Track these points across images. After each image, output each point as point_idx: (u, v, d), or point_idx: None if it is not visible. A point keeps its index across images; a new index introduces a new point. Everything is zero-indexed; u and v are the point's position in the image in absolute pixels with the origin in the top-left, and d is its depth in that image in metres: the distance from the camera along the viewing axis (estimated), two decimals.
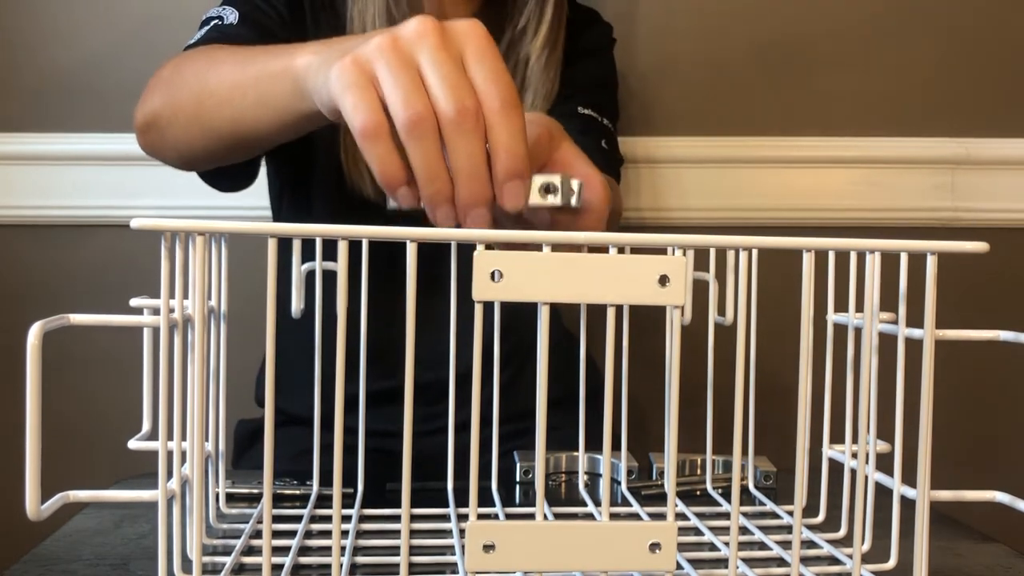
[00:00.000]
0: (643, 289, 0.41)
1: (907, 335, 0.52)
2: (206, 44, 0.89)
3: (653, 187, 1.30)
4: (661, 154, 1.29)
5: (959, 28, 1.31)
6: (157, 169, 1.25)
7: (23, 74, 1.26)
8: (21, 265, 1.28)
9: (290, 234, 0.44)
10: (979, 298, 1.32)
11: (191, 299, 0.47)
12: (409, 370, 0.44)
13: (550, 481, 0.78)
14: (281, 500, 0.69)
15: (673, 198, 1.28)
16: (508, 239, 0.45)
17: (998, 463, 1.35)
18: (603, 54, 1.15)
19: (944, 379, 0.55)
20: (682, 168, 1.29)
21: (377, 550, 0.59)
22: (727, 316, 0.63)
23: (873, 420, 0.54)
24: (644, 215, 1.29)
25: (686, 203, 1.30)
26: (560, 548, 0.41)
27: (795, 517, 0.48)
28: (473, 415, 0.43)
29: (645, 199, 1.29)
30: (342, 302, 0.47)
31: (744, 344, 0.47)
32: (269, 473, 0.45)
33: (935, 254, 0.48)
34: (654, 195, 1.30)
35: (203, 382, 0.49)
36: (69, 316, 0.46)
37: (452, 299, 0.66)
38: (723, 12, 1.30)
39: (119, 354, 1.25)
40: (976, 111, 1.32)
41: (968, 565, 0.60)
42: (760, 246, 0.46)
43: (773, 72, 1.30)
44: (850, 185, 1.31)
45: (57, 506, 0.44)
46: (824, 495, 0.65)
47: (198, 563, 0.48)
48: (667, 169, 1.30)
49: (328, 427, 0.52)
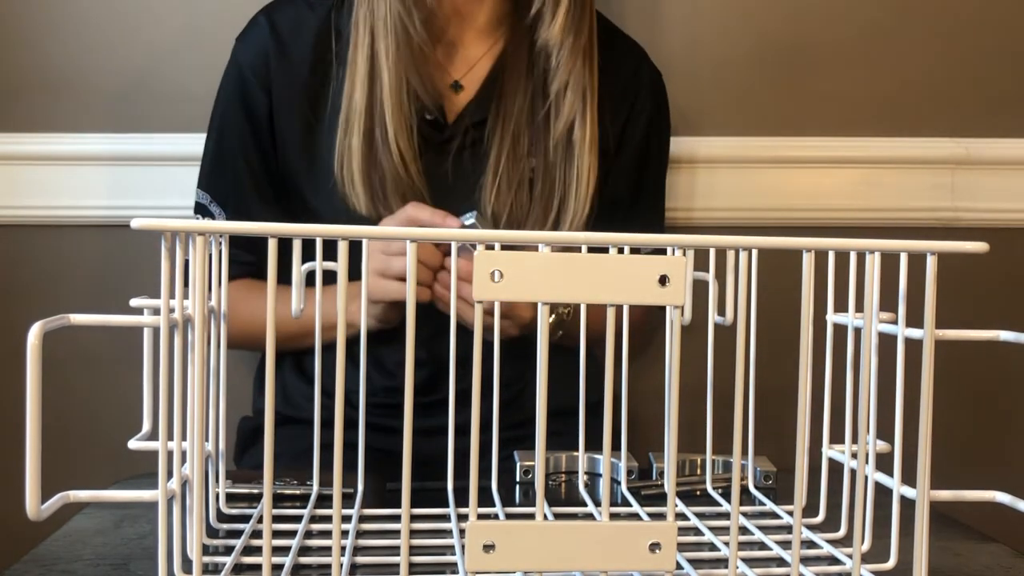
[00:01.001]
0: (643, 289, 0.41)
1: (907, 335, 0.52)
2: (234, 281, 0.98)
3: None
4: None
5: (959, 28, 1.31)
6: (157, 169, 1.25)
7: (23, 74, 1.26)
8: (21, 265, 1.28)
9: (290, 234, 0.44)
10: (979, 298, 1.32)
11: (191, 299, 0.48)
12: (409, 370, 0.44)
13: (550, 481, 0.78)
14: (281, 500, 0.69)
15: (673, 198, 1.28)
16: (509, 239, 0.45)
17: (998, 463, 1.35)
18: (654, 129, 1.11)
19: (944, 379, 0.55)
20: (682, 168, 1.29)
21: (377, 550, 0.59)
22: (727, 316, 0.63)
23: (873, 420, 0.54)
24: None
25: (686, 203, 1.30)
26: (560, 548, 0.41)
27: (795, 517, 0.48)
28: (473, 416, 0.43)
29: None
30: (342, 302, 0.47)
31: (744, 344, 0.47)
32: (269, 473, 0.45)
33: (935, 254, 0.48)
34: None
35: (203, 382, 0.49)
36: (69, 316, 0.46)
37: (452, 299, 0.66)
38: (723, 13, 1.30)
39: (119, 354, 1.24)
40: (976, 111, 1.32)
41: (968, 565, 0.60)
42: (760, 246, 0.46)
43: (773, 72, 1.30)
44: (850, 185, 1.31)
45: (57, 506, 0.44)
46: (824, 495, 0.65)
47: (198, 563, 0.48)
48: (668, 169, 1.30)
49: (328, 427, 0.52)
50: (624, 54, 1.10)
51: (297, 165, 1.04)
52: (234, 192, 1.05)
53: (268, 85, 1.03)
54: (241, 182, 1.04)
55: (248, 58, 1.04)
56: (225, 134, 1.05)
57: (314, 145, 1.02)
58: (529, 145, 1.00)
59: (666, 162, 1.16)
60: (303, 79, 1.02)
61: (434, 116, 1.01)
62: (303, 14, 1.04)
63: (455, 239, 0.45)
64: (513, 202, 1.00)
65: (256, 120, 1.04)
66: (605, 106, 1.03)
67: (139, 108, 1.26)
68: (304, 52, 1.03)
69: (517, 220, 1.00)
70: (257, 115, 1.04)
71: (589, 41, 1.01)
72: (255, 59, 1.04)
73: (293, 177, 1.05)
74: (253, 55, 1.04)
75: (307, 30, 1.03)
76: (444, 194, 1.00)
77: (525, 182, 1.00)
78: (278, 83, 1.03)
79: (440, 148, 1.02)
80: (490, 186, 1.00)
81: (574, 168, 1.00)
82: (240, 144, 1.04)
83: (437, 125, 1.02)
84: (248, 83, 1.04)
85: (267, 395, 0.45)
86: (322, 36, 1.02)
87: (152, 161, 1.25)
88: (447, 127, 1.02)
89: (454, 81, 1.04)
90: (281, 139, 1.04)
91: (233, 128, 1.05)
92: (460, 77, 1.04)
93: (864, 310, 0.50)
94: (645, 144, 1.11)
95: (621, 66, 1.08)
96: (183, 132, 1.23)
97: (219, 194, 1.05)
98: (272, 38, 1.03)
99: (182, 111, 1.23)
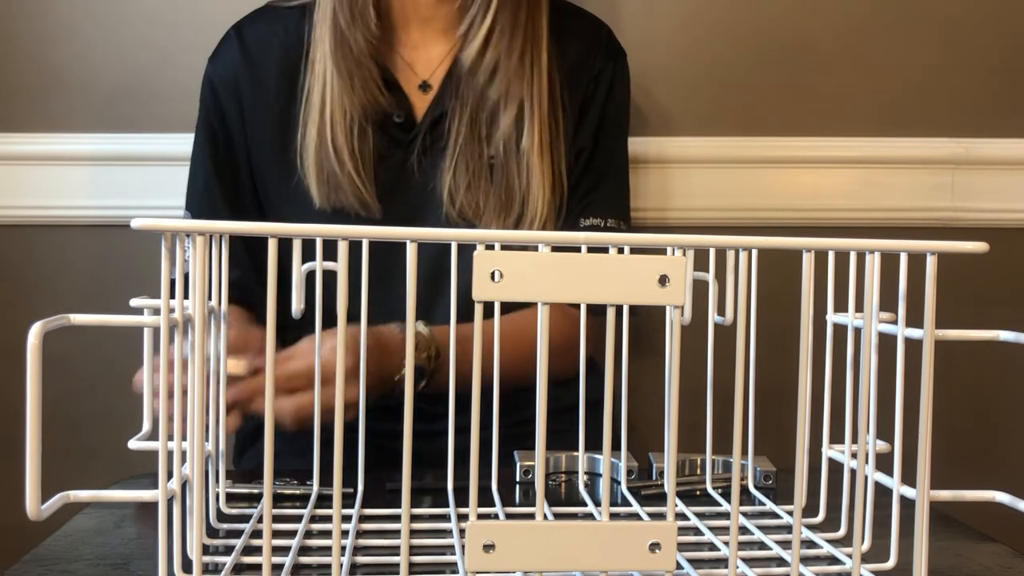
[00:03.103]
0: (643, 289, 0.41)
1: (907, 335, 0.52)
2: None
3: (653, 187, 1.30)
4: (661, 154, 1.29)
5: (959, 28, 1.31)
6: (157, 169, 1.25)
7: (23, 74, 1.26)
8: (21, 265, 1.28)
9: (290, 234, 0.44)
10: (979, 298, 1.32)
11: (191, 299, 0.48)
12: (409, 369, 0.44)
13: (550, 481, 0.78)
14: (281, 500, 0.69)
15: (673, 198, 1.28)
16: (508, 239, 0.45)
17: (998, 463, 1.35)
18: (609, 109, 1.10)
19: (944, 379, 0.55)
20: (682, 168, 1.29)
21: (377, 550, 0.59)
22: (727, 316, 0.63)
23: (873, 420, 0.54)
24: (645, 215, 1.29)
25: (686, 203, 1.30)
26: (560, 548, 0.41)
27: (795, 517, 0.48)
28: (473, 418, 0.43)
29: (645, 199, 1.29)
30: (342, 302, 0.47)
31: (744, 344, 0.47)
32: (269, 473, 0.45)
33: (935, 254, 0.48)
34: (654, 195, 1.30)
35: (203, 382, 0.49)
36: (69, 316, 0.46)
37: (452, 299, 0.66)
38: (722, 12, 1.30)
39: (119, 354, 1.24)
40: (976, 111, 1.32)
41: (968, 565, 0.60)
42: (760, 246, 0.46)
43: (773, 72, 1.30)
44: (850, 185, 1.31)
45: (57, 506, 0.44)
46: (824, 495, 0.65)
47: (198, 563, 0.48)
48: (667, 169, 1.30)
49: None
50: (579, 35, 1.10)
51: (269, 175, 1.06)
52: (209, 210, 1.06)
53: (239, 99, 1.06)
54: (213, 198, 1.06)
55: (219, 74, 1.07)
56: (199, 151, 1.08)
57: (286, 156, 1.04)
58: (486, 134, 1.02)
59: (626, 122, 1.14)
60: (274, 92, 1.05)
61: (402, 119, 1.04)
62: (273, 27, 1.07)
63: (455, 239, 0.45)
64: (471, 187, 1.02)
65: (229, 134, 1.06)
66: (563, 92, 1.05)
67: (139, 108, 1.26)
68: (274, 64, 1.05)
69: (475, 207, 1.02)
70: (229, 129, 1.06)
71: (526, 55, 1.01)
72: (225, 74, 1.06)
73: (266, 188, 1.07)
74: (223, 71, 1.07)
75: (275, 42, 1.06)
76: (410, 192, 1.04)
77: (484, 170, 1.02)
78: (248, 96, 1.05)
79: (408, 146, 1.04)
80: (448, 171, 1.02)
81: (524, 173, 1.01)
82: (213, 160, 1.07)
83: (405, 127, 1.04)
84: (220, 98, 1.06)
85: (267, 395, 0.45)
86: (291, 46, 1.05)
87: (152, 161, 1.25)
88: (416, 126, 1.05)
89: (423, 82, 1.06)
90: (256, 152, 1.06)
91: (207, 144, 1.07)
92: (427, 77, 1.06)
93: (864, 310, 0.50)
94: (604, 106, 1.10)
95: (578, 45, 1.09)
96: (183, 132, 1.23)
97: (197, 212, 1.07)
98: (241, 53, 1.06)
99: (183, 111, 1.23)
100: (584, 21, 1.12)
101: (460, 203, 1.02)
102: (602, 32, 1.12)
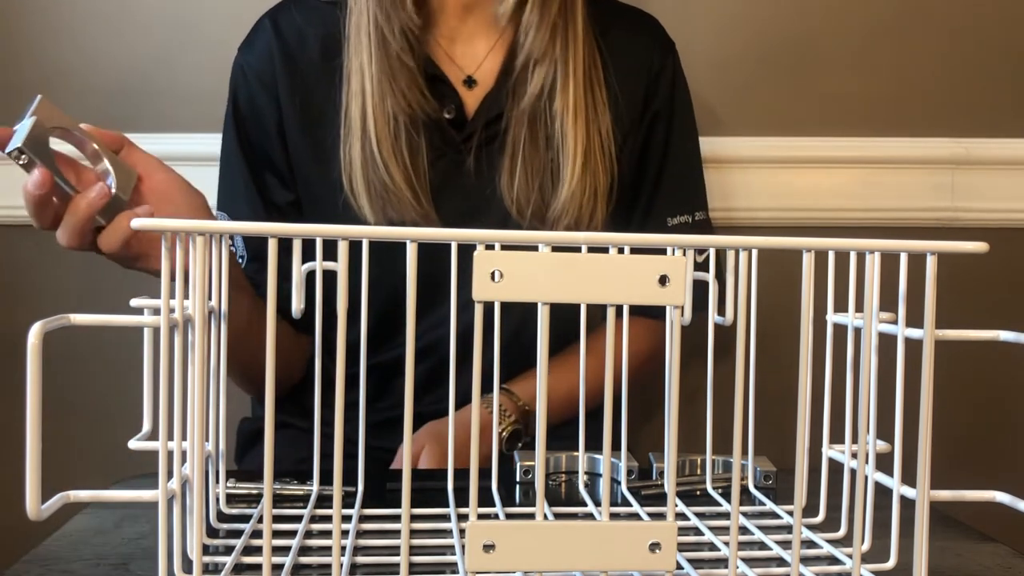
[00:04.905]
0: (643, 289, 0.41)
1: (907, 335, 0.52)
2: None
3: None
4: None
5: (959, 28, 1.31)
6: None
7: (23, 74, 1.26)
8: (21, 265, 1.28)
9: (290, 234, 0.44)
10: (979, 298, 1.32)
11: (191, 299, 0.48)
12: (409, 369, 0.44)
13: (550, 481, 0.78)
14: (281, 500, 0.69)
15: None
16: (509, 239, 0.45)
17: (998, 463, 1.35)
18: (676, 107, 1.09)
19: (944, 379, 0.55)
20: None
21: (377, 550, 0.59)
22: (727, 316, 0.63)
23: (873, 420, 0.54)
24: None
25: None
26: (560, 548, 0.41)
27: (795, 517, 0.48)
28: (473, 418, 0.44)
29: None
30: (342, 303, 0.47)
31: (744, 344, 0.47)
32: (269, 473, 0.45)
33: (935, 254, 0.48)
34: None
35: (203, 382, 0.49)
36: (69, 316, 0.46)
37: (452, 299, 0.66)
38: (722, 12, 1.30)
39: (119, 354, 1.24)
40: (976, 111, 1.32)
41: (968, 565, 0.60)
42: (760, 246, 0.46)
43: (773, 72, 1.30)
44: (850, 185, 1.31)
45: (57, 506, 0.44)
46: (824, 495, 0.65)
47: (198, 563, 0.48)
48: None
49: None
50: (630, 30, 1.08)
51: (310, 172, 1.02)
52: (248, 208, 1.02)
53: (276, 91, 1.01)
54: (253, 198, 1.02)
55: (253, 63, 1.02)
56: (231, 149, 1.03)
57: (325, 152, 1.00)
58: (547, 136, 0.99)
59: (692, 114, 1.13)
60: (311, 84, 1.00)
61: (453, 115, 1.00)
62: (309, 17, 1.02)
63: (455, 239, 0.45)
64: (542, 189, 0.98)
65: (262, 126, 1.02)
66: (618, 78, 1.03)
67: (139, 108, 1.26)
68: (311, 56, 1.01)
69: (540, 214, 0.98)
70: (264, 121, 1.02)
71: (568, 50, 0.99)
72: (260, 64, 1.01)
73: (307, 185, 1.02)
74: (257, 60, 1.02)
75: (313, 34, 1.01)
76: (465, 193, 1.00)
77: (547, 174, 0.98)
78: (285, 88, 1.01)
79: (460, 147, 1.00)
80: (508, 179, 0.98)
81: (555, 140, 0.98)
82: (245, 157, 1.02)
83: (456, 123, 1.01)
84: (253, 88, 1.01)
85: (267, 395, 0.45)
86: (328, 39, 1.00)
87: None
88: (467, 124, 1.01)
89: (467, 76, 1.02)
90: (293, 145, 1.02)
91: (238, 139, 1.02)
92: (472, 72, 1.02)
93: (864, 310, 0.50)
94: (671, 103, 1.09)
95: (631, 44, 1.07)
96: (183, 132, 1.23)
97: (234, 213, 1.03)
98: (278, 41, 1.01)
99: (183, 111, 1.23)
100: (633, 16, 1.11)
101: (531, 209, 0.98)
102: (654, 27, 1.10)
